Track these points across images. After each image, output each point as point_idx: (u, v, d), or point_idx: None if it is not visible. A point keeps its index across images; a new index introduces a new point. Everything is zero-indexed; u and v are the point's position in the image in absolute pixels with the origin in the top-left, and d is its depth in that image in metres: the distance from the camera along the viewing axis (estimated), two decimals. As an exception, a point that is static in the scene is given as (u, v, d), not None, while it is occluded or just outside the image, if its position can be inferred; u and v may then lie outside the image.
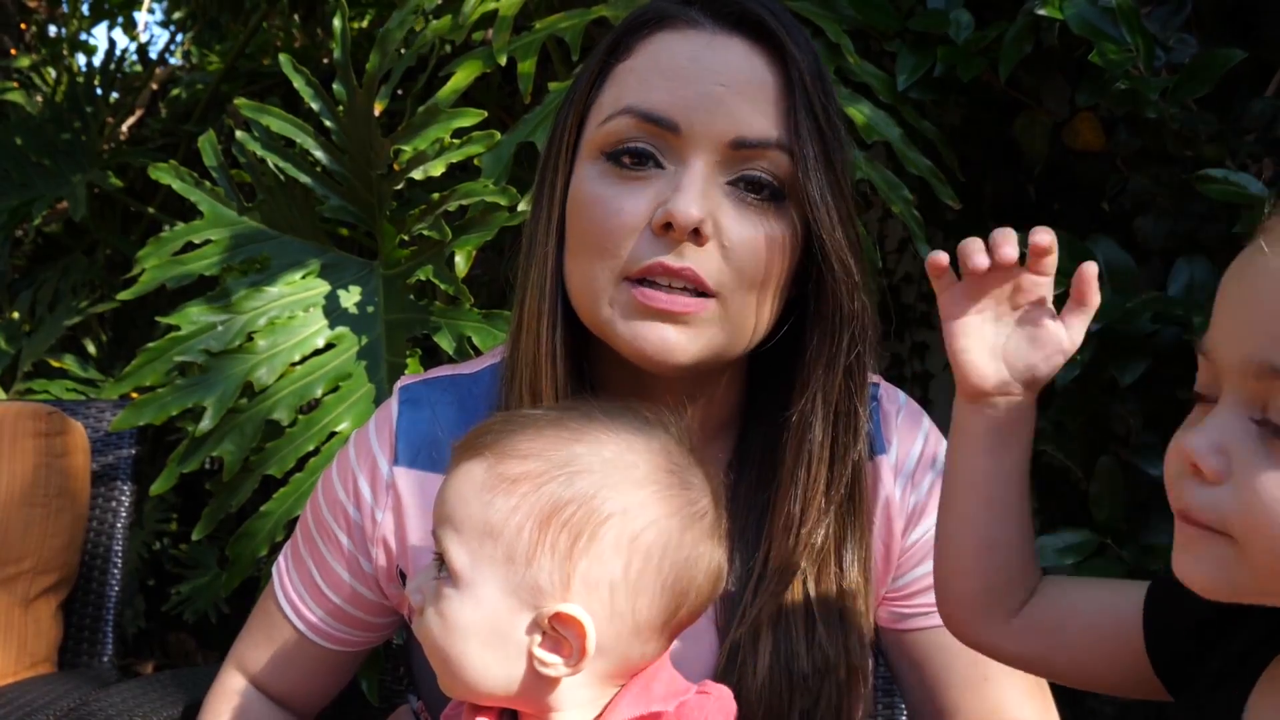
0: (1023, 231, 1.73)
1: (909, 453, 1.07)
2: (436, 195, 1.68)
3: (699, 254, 0.90)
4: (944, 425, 1.10)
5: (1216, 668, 0.76)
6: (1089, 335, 1.63)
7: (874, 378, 1.08)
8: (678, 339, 0.91)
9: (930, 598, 1.05)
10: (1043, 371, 0.83)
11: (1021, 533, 0.85)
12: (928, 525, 1.06)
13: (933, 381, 2.70)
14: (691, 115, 0.90)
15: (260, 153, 1.80)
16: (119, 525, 1.94)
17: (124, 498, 1.95)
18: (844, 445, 0.99)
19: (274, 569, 1.14)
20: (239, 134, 1.82)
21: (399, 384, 1.09)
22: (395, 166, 1.74)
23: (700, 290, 0.91)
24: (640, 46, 0.93)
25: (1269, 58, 1.70)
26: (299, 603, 1.10)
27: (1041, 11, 1.64)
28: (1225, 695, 0.74)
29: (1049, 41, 1.73)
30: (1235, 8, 1.81)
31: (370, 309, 1.76)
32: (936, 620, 1.05)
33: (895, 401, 1.09)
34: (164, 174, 1.83)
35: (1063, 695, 1.08)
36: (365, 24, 3.33)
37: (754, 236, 0.92)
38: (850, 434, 1.00)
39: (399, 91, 2.52)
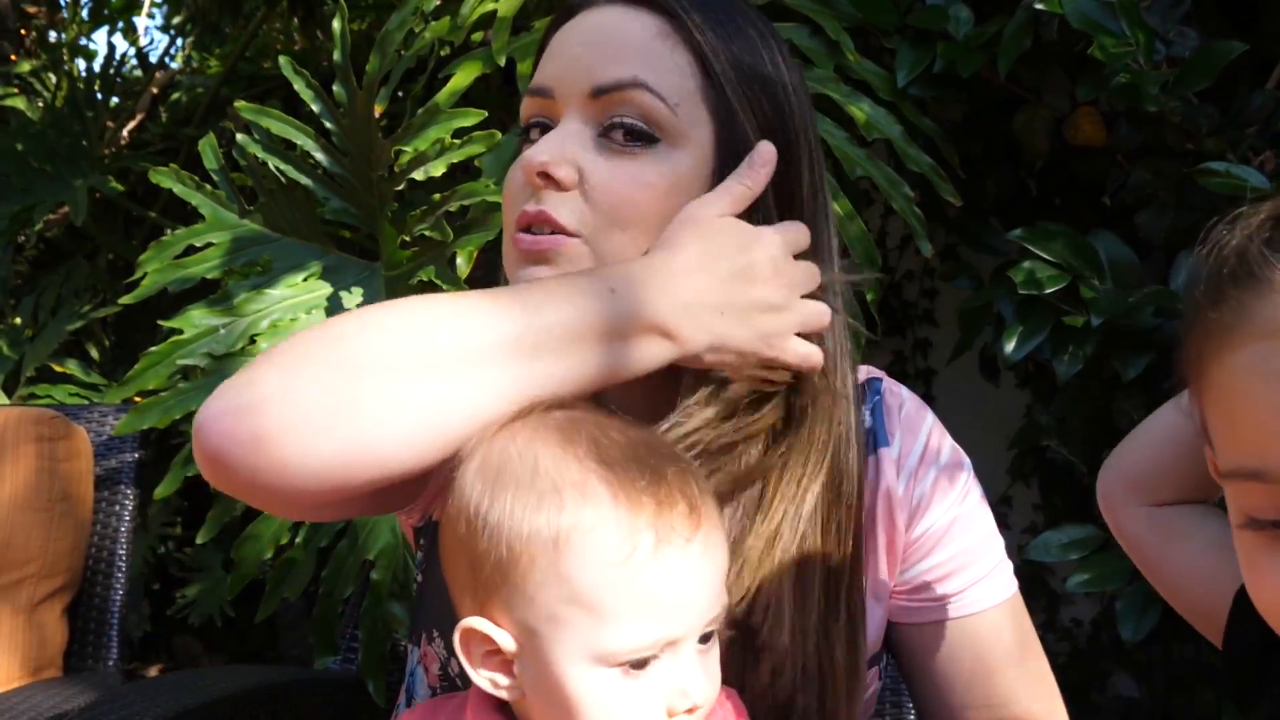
0: (1025, 226, 1.73)
1: (912, 447, 1.07)
2: (438, 196, 1.68)
3: (559, 199, 0.92)
4: (947, 420, 1.11)
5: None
6: (1091, 330, 1.64)
7: (877, 372, 1.09)
8: (542, 275, 0.92)
9: (935, 591, 1.06)
10: None
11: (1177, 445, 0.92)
12: (931, 520, 1.06)
13: (935, 378, 2.70)
14: (559, 78, 0.95)
15: (261, 155, 1.80)
16: (123, 529, 1.94)
17: (127, 502, 1.95)
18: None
19: None
20: (239, 137, 1.82)
21: None
22: (396, 168, 1.74)
23: (561, 232, 0.93)
24: (553, 39, 0.99)
25: (1269, 50, 1.70)
26: None
27: (1040, 6, 1.64)
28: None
29: (1048, 36, 1.72)
30: (1235, 1, 1.81)
31: (372, 311, 1.76)
32: (941, 615, 1.06)
33: (898, 396, 1.09)
34: (165, 178, 1.83)
35: (1066, 691, 1.09)
36: (364, 26, 3.33)
37: (616, 179, 0.93)
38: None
39: (399, 93, 2.52)
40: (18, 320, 2.83)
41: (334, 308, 1.75)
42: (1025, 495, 2.58)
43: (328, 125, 1.80)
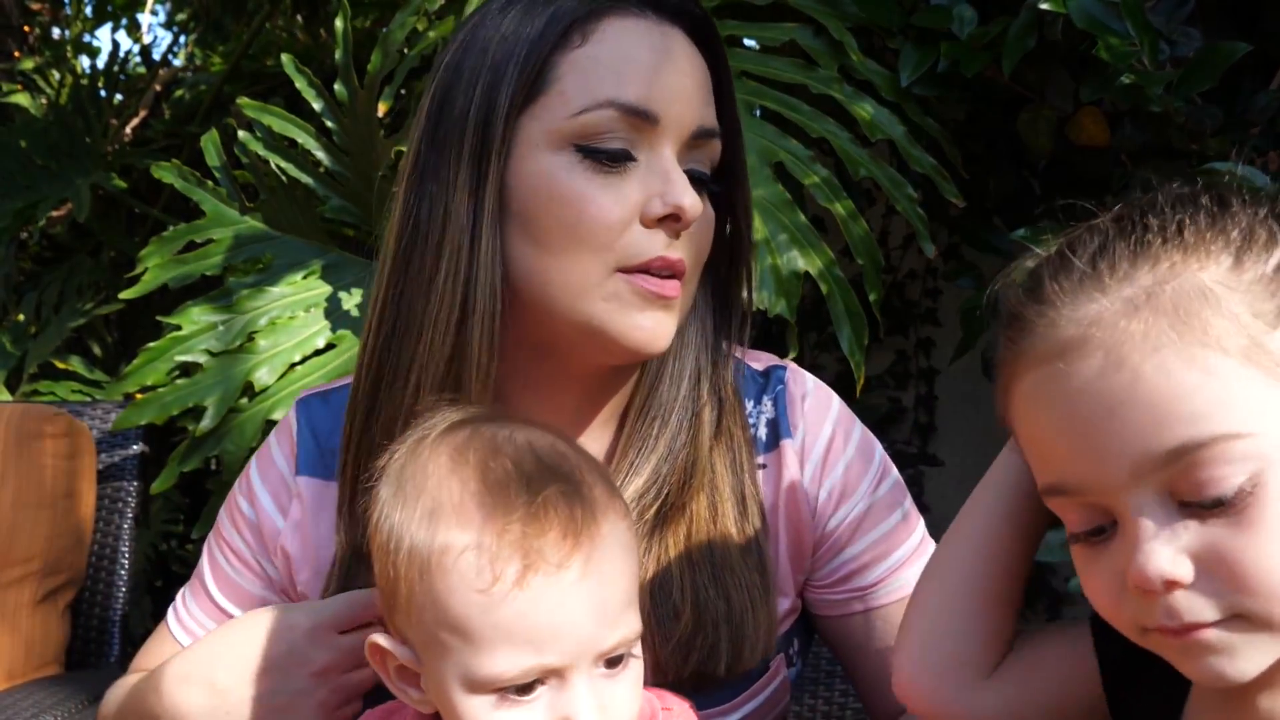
0: (1028, 226, 1.72)
1: (817, 437, 1.06)
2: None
3: (681, 244, 0.93)
4: (950, 419, 1.10)
5: (1154, 679, 0.76)
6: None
7: (780, 361, 1.09)
8: (667, 325, 0.93)
9: (861, 580, 1.06)
10: None
11: (1017, 590, 0.85)
12: (846, 510, 1.05)
13: (938, 378, 2.69)
14: (667, 107, 0.91)
15: (263, 153, 1.81)
16: (125, 526, 1.95)
17: (130, 499, 1.96)
18: (663, 404, 0.99)
19: (166, 622, 1.11)
20: (241, 134, 1.82)
21: (299, 396, 1.10)
22: (399, 166, 1.74)
23: (676, 276, 0.94)
24: (594, 34, 0.92)
25: (1273, 51, 1.69)
26: (199, 628, 1.08)
27: (1045, 6, 1.63)
28: (1159, 705, 0.75)
29: (1052, 36, 1.72)
30: (1239, 1, 1.80)
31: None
32: (871, 603, 1.06)
33: (802, 385, 1.07)
34: (166, 173, 1.83)
35: None
36: (368, 24, 3.33)
37: (708, 222, 0.96)
38: (676, 395, 1.00)
39: (403, 92, 2.52)
40: (20, 317, 2.84)
41: (333, 306, 1.76)
42: (1027, 496, 2.57)
43: (329, 124, 1.80)
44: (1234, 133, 1.63)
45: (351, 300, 1.77)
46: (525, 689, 0.73)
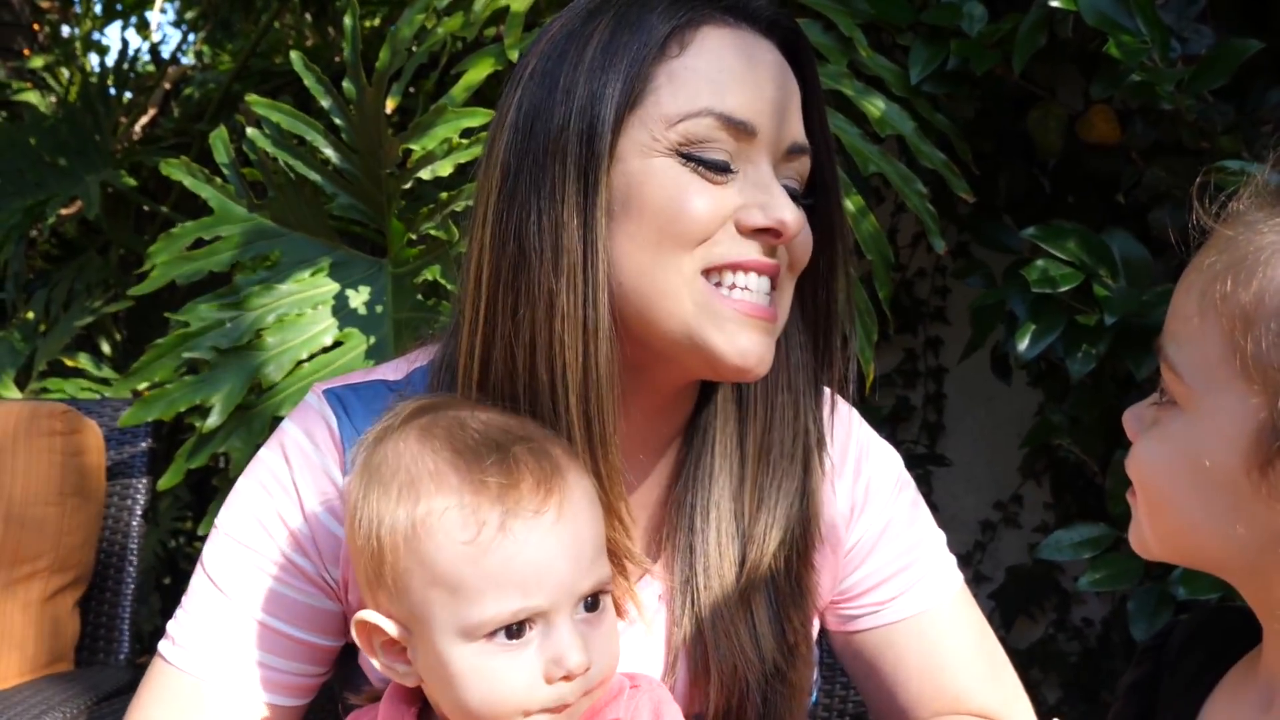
0: (1038, 225, 1.72)
1: (844, 452, 1.06)
2: (445, 195, 1.68)
3: (780, 254, 0.93)
4: (959, 419, 1.10)
5: (1173, 694, 0.79)
6: (1104, 328, 1.63)
7: None
8: (766, 347, 0.92)
9: (875, 596, 1.06)
10: None
11: None
12: (865, 525, 1.05)
13: (947, 376, 2.68)
14: (765, 120, 0.91)
15: (271, 150, 1.80)
16: (134, 523, 1.95)
17: (139, 496, 1.96)
18: (782, 441, 1.00)
19: (178, 663, 0.97)
20: (250, 131, 1.82)
21: (320, 388, 1.03)
22: (408, 164, 1.74)
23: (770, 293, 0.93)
24: (691, 44, 0.91)
25: (1283, 47, 1.68)
26: (259, 666, 0.97)
27: (1055, 3, 1.63)
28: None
29: (1063, 34, 1.71)
30: (1251, -3, 1.79)
31: (379, 308, 1.76)
32: (883, 619, 1.06)
33: (827, 400, 1.06)
34: (175, 170, 1.83)
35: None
36: (377, 22, 3.33)
37: (806, 240, 0.95)
38: (795, 431, 1.00)
39: (412, 90, 2.52)
40: (30, 314, 2.84)
41: (340, 304, 1.75)
42: (1036, 494, 2.56)
43: (337, 121, 1.80)
44: (1245, 130, 1.62)
45: (359, 298, 1.76)
46: (516, 633, 0.80)
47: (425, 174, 1.69)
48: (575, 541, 0.81)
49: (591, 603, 0.83)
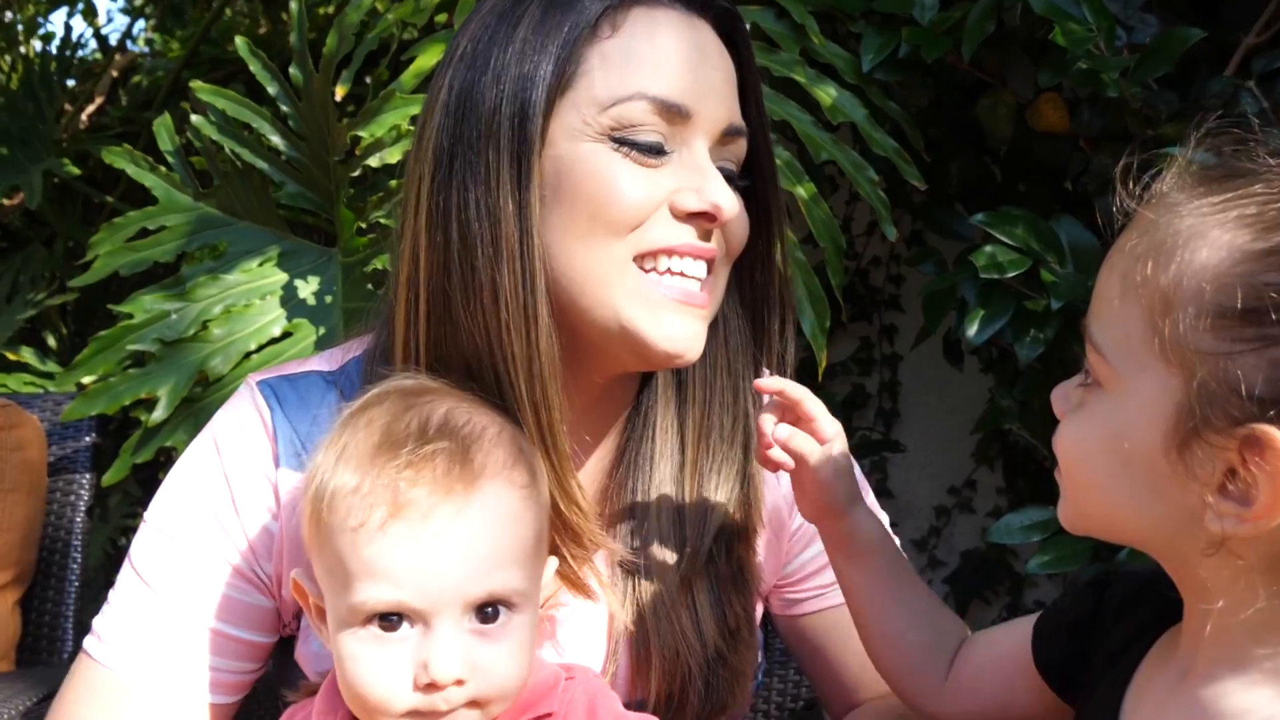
0: (988, 212, 1.73)
1: None
2: (395, 183, 1.66)
3: (714, 238, 0.92)
4: (914, 405, 1.10)
5: (1097, 669, 0.81)
6: (1052, 313, 1.64)
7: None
8: (697, 331, 0.92)
9: (819, 580, 1.07)
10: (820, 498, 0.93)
11: (915, 621, 0.93)
12: None
13: (901, 364, 2.70)
14: (700, 102, 0.90)
15: (216, 138, 1.78)
16: (77, 520, 1.91)
17: (82, 491, 1.92)
18: (722, 424, 1.00)
19: (104, 660, 0.95)
20: (194, 118, 1.79)
21: (253, 379, 1.01)
22: (357, 151, 1.72)
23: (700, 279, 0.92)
24: (624, 25, 0.90)
25: (1228, 38, 1.70)
26: (189, 663, 0.94)
27: (1004, -9, 1.63)
28: (1104, 693, 0.78)
29: (1011, 22, 1.72)
30: (1197, -13, 1.81)
31: (329, 298, 1.74)
32: (827, 602, 1.07)
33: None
34: (118, 158, 1.80)
35: None
36: (331, 9, 3.29)
37: (742, 223, 0.94)
38: (735, 414, 1.01)
39: (368, 80, 2.49)
40: (-27, 308, 2.79)
41: (289, 294, 1.73)
42: (990, 479, 2.59)
43: (285, 109, 1.77)
44: (1190, 118, 1.63)
45: (308, 288, 1.74)
46: (388, 625, 0.79)
47: (374, 161, 1.67)
48: (467, 548, 0.79)
49: (487, 614, 0.80)
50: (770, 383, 0.93)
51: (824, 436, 0.91)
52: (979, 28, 1.70)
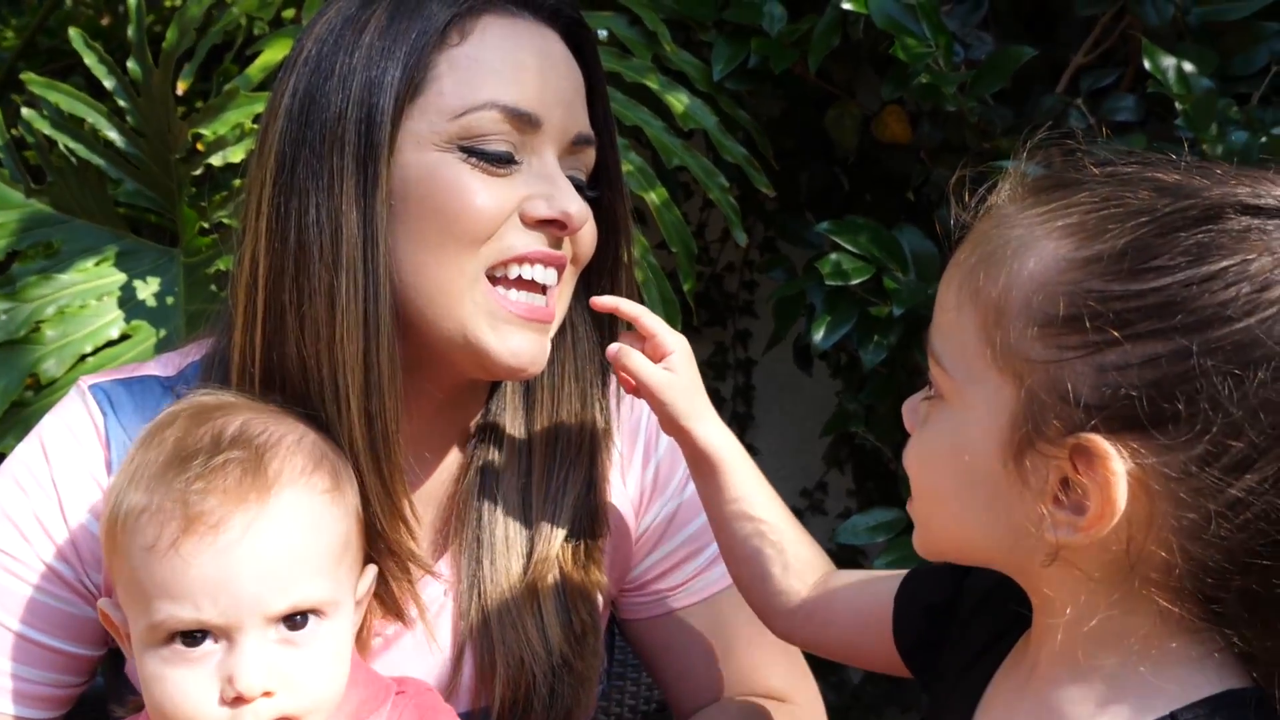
0: (834, 220, 1.77)
1: (633, 440, 1.09)
2: (238, 182, 1.62)
3: (564, 246, 0.93)
4: (767, 410, 1.13)
5: (959, 661, 0.82)
6: (895, 320, 1.69)
7: None
8: (541, 346, 0.92)
9: (665, 583, 1.09)
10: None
11: (766, 537, 0.95)
12: (657, 511, 1.08)
13: (754, 368, 2.75)
14: (550, 111, 0.91)
15: (49, 132, 1.70)
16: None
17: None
18: (569, 431, 1.01)
19: None
20: (26, 112, 1.72)
21: (86, 383, 0.98)
22: (200, 147, 1.67)
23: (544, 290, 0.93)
24: (473, 32, 0.90)
25: (1060, 56, 1.79)
26: (9, 677, 0.92)
27: (847, 6, 1.68)
28: (966, 687, 0.80)
29: (855, 36, 1.77)
30: (1030, 8, 1.90)
31: (170, 300, 1.68)
32: (673, 605, 1.09)
33: (610, 386, 1.08)
34: (-60, 153, 1.71)
35: (818, 667, 1.13)
36: (178, 2, 3.18)
37: (591, 231, 0.95)
38: (582, 421, 1.02)
39: (219, 77, 2.41)
40: None
41: (127, 295, 1.67)
42: (840, 481, 2.65)
43: (123, 104, 1.71)
44: (1023, 132, 1.71)
45: (148, 289, 1.68)
46: (191, 641, 0.77)
47: (217, 160, 1.63)
48: (266, 561, 0.78)
49: (295, 623, 0.79)
50: (605, 300, 0.96)
51: (664, 350, 0.94)
52: (825, 40, 1.75)
